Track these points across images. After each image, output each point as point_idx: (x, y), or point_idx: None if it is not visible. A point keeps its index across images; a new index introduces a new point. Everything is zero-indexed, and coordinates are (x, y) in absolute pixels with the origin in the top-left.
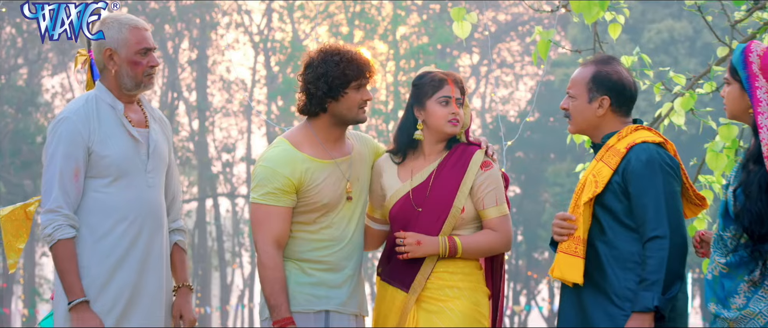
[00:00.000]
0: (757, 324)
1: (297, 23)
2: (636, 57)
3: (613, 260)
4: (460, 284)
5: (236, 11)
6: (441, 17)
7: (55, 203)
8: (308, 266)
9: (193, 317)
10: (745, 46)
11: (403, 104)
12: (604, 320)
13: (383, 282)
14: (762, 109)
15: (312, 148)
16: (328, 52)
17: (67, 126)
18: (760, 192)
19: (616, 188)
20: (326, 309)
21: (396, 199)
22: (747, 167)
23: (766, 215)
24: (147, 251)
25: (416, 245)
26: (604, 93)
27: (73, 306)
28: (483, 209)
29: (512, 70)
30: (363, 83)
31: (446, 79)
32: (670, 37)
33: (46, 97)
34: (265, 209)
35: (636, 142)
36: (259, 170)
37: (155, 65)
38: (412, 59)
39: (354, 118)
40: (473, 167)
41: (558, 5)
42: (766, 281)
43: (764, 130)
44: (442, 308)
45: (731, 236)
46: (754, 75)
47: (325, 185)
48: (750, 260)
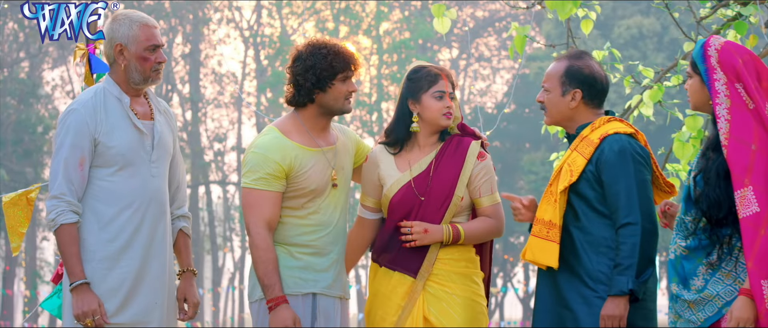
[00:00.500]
0: (715, 306)
1: (285, 19)
2: (607, 52)
3: (587, 245)
4: (462, 270)
5: (227, 7)
6: (422, 13)
7: (59, 190)
8: (296, 250)
9: (197, 300)
10: (704, 41)
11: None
12: (578, 302)
13: (386, 269)
14: (720, 100)
15: (300, 136)
16: (315, 45)
17: (75, 117)
18: (718, 179)
19: (590, 177)
20: (313, 292)
21: (397, 188)
22: (706, 155)
23: (723, 201)
24: (151, 237)
25: (424, 233)
26: (576, 86)
27: (74, 287)
28: (479, 198)
29: (489, 63)
30: (349, 75)
31: (441, 74)
32: (639, 32)
33: (46, 89)
34: (257, 194)
35: (609, 133)
36: (250, 157)
37: (163, 61)
38: (394, 54)
39: (340, 109)
40: (470, 157)
41: (533, 2)
42: (723, 264)
43: (722, 120)
44: (447, 293)
45: (691, 220)
46: (712, 68)
47: (313, 172)
48: (708, 243)
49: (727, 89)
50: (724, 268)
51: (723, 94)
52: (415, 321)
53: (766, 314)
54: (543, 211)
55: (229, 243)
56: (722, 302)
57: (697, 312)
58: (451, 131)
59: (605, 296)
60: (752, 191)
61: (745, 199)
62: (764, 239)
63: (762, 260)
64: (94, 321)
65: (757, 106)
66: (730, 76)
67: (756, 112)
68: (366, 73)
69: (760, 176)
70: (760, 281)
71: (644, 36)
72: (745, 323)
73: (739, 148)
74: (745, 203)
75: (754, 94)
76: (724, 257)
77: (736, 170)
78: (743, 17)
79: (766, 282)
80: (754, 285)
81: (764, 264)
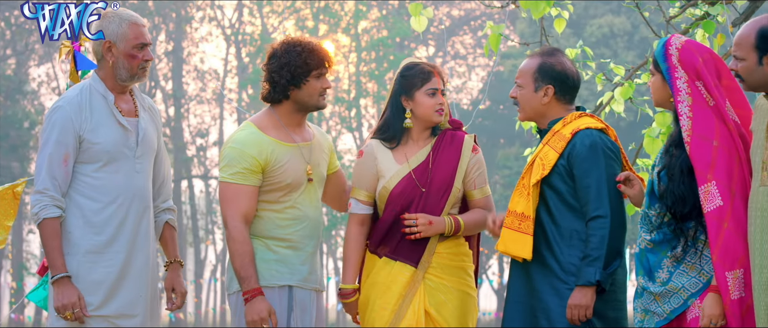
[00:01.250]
0: (680, 298)
1: (266, 18)
2: (579, 50)
3: (558, 237)
4: (458, 263)
5: (210, 6)
6: (399, 12)
7: (43, 185)
8: (273, 244)
9: (184, 290)
10: (665, 40)
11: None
12: (550, 293)
13: (387, 259)
14: (681, 97)
15: (276, 131)
16: (290, 43)
17: (61, 114)
18: (681, 175)
19: (561, 171)
20: (290, 284)
21: (397, 180)
22: (670, 152)
23: (687, 196)
24: (135, 231)
25: (428, 225)
26: (548, 82)
27: (55, 280)
28: (473, 190)
29: (465, 61)
30: (323, 72)
31: (433, 71)
32: (610, 31)
33: (32, 85)
34: (234, 188)
35: (580, 128)
36: (227, 151)
37: (149, 59)
38: (372, 51)
39: (315, 105)
40: (466, 150)
41: (508, 1)
42: (687, 257)
43: (684, 118)
44: (444, 286)
45: (656, 214)
46: (673, 66)
47: (289, 166)
48: (673, 237)
49: (688, 87)
50: (688, 261)
51: (684, 92)
52: (415, 312)
53: (731, 306)
54: (515, 203)
55: (212, 236)
56: (687, 294)
57: (663, 304)
58: (442, 126)
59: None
60: (715, 185)
61: (709, 194)
62: (728, 231)
63: (726, 252)
64: (73, 314)
65: (717, 103)
66: (690, 75)
67: (716, 109)
68: (345, 71)
69: (723, 171)
70: (724, 272)
71: (615, 35)
72: (717, 319)
73: (702, 145)
74: (708, 197)
75: (714, 92)
76: (689, 250)
77: (699, 166)
78: (711, 16)
79: (730, 274)
80: (719, 277)
81: (728, 256)
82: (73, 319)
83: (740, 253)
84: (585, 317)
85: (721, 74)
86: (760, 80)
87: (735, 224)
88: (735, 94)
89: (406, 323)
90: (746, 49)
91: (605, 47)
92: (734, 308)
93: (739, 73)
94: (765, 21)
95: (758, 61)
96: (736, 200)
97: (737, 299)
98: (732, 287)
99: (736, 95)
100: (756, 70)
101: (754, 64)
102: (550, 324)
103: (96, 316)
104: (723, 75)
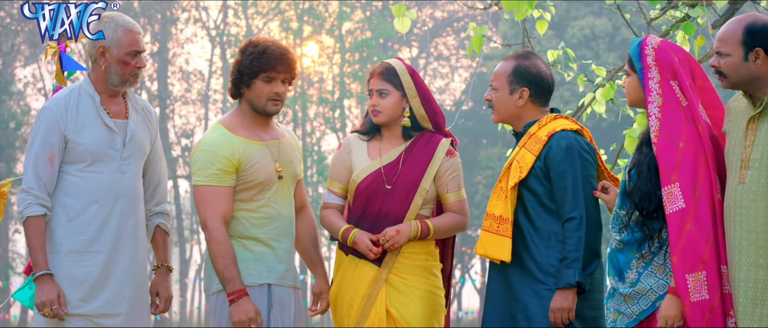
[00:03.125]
0: (648, 300)
1: (251, 19)
2: (561, 51)
3: (537, 238)
4: (423, 263)
5: (194, 7)
6: (383, 14)
7: (28, 184)
8: (250, 243)
9: (168, 295)
10: (640, 40)
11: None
12: (528, 294)
13: (352, 257)
14: (652, 98)
15: (244, 131)
16: (250, 43)
17: (47, 115)
18: (649, 172)
19: (538, 173)
20: (268, 283)
21: (365, 174)
22: (641, 150)
23: (653, 194)
24: (119, 232)
25: (396, 234)
26: (524, 85)
27: (36, 277)
28: (446, 193)
29: (448, 62)
30: (272, 77)
31: (370, 73)
32: (592, 33)
33: (18, 86)
34: (211, 190)
35: (556, 130)
36: (199, 155)
37: (142, 66)
38: (356, 52)
39: (262, 108)
40: (439, 153)
41: (490, 3)
42: (655, 258)
43: (653, 118)
44: (407, 286)
45: (625, 213)
46: (647, 67)
47: (260, 164)
48: (641, 236)
49: (659, 88)
50: (655, 261)
51: (656, 92)
52: (378, 312)
53: (692, 308)
54: (493, 206)
55: (196, 236)
56: (655, 296)
57: (632, 306)
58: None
59: (554, 288)
60: (679, 187)
61: (672, 195)
62: (689, 234)
63: (687, 254)
64: (52, 311)
65: (691, 103)
66: (666, 74)
67: (689, 110)
68: (329, 72)
69: (687, 173)
70: (684, 275)
71: (597, 36)
72: (673, 321)
73: (668, 146)
74: (671, 199)
75: (688, 92)
76: (656, 251)
77: (664, 167)
78: (691, 18)
79: (691, 276)
80: (678, 280)
81: (689, 259)
82: (52, 316)
83: (703, 254)
84: (568, 320)
85: (694, 75)
86: (744, 76)
87: (698, 226)
88: (708, 94)
89: (369, 322)
90: (732, 45)
91: (587, 49)
92: (695, 310)
93: (721, 69)
94: (751, 18)
95: (744, 57)
96: (700, 202)
97: (699, 302)
98: (692, 289)
99: (708, 96)
100: (741, 66)
101: (739, 60)
102: (529, 324)
103: (77, 315)
104: (696, 76)
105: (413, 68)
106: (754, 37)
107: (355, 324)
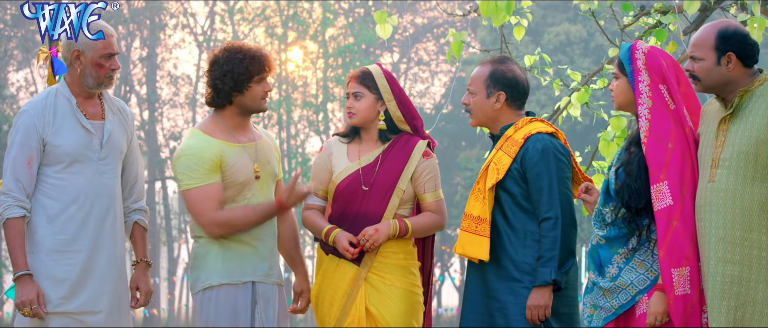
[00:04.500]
0: (628, 294)
1: (237, 25)
2: (537, 56)
3: (514, 238)
4: (401, 262)
5: (182, 14)
6: (365, 20)
7: (7, 187)
8: (233, 244)
9: (148, 289)
10: (631, 45)
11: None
12: (505, 292)
13: (333, 256)
14: (642, 100)
15: (222, 134)
16: (231, 50)
17: (25, 119)
18: (639, 171)
19: (515, 174)
20: (252, 280)
21: (344, 176)
22: (629, 149)
23: (643, 192)
24: (98, 230)
25: (375, 233)
26: (500, 89)
27: (16, 278)
28: (423, 193)
29: (428, 67)
30: (263, 77)
31: (348, 76)
32: (567, 39)
33: (11, 90)
34: (202, 190)
35: (532, 132)
36: (183, 161)
37: (117, 68)
38: (339, 57)
39: (258, 108)
40: (416, 154)
41: (469, 10)
42: (637, 254)
43: (643, 120)
44: (386, 285)
45: (610, 211)
46: (638, 70)
47: (239, 165)
48: (627, 232)
49: (649, 91)
50: (637, 257)
51: (646, 95)
52: (358, 311)
53: (675, 302)
54: (472, 207)
55: (184, 235)
56: (636, 290)
57: (611, 299)
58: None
59: (531, 286)
60: (667, 185)
61: (661, 193)
62: (676, 230)
63: (673, 249)
64: (31, 311)
65: (677, 107)
66: (655, 78)
67: (676, 113)
68: (313, 76)
69: (675, 172)
70: (670, 269)
71: (572, 42)
72: (661, 316)
73: (657, 146)
74: (660, 196)
75: (676, 96)
76: (641, 246)
77: (654, 166)
78: (663, 25)
79: (676, 271)
80: (664, 273)
81: (675, 254)
82: (32, 315)
83: (687, 251)
84: (544, 317)
85: (680, 80)
86: (718, 80)
87: (684, 223)
88: (690, 100)
89: (349, 320)
90: (705, 50)
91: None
92: (678, 304)
93: (695, 73)
94: (723, 24)
95: (717, 61)
96: (686, 200)
97: (681, 296)
98: (677, 283)
99: (691, 102)
100: (714, 70)
101: (712, 64)
102: (507, 322)
103: (59, 312)
104: (681, 81)
105: (391, 73)
106: (726, 42)
107: (335, 322)
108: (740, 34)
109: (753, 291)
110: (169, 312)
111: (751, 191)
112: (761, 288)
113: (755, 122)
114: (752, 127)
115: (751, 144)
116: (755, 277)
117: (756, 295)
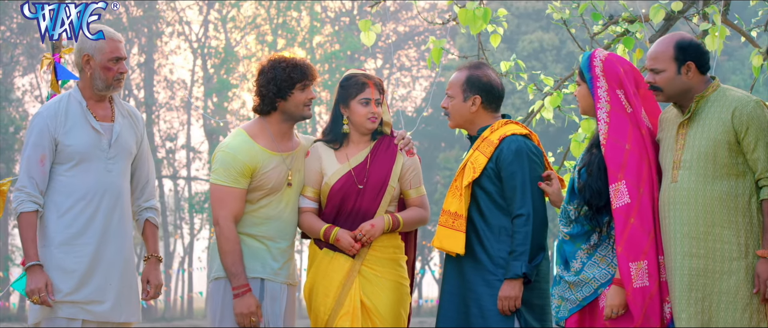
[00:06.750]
0: (591, 287)
1: (229, 32)
2: (513, 62)
3: (489, 233)
4: (391, 255)
5: (178, 22)
6: (350, 28)
7: (21, 183)
8: (246, 239)
9: (159, 282)
10: (590, 53)
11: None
12: (480, 284)
13: (327, 250)
14: (601, 105)
15: (265, 140)
16: (276, 60)
17: (39, 120)
18: (599, 172)
19: (490, 173)
20: (261, 277)
21: (337, 177)
22: (591, 151)
23: (603, 191)
24: (105, 226)
25: (372, 228)
26: (476, 92)
27: (28, 268)
28: (408, 189)
29: (410, 72)
30: (307, 85)
31: (368, 82)
32: (541, 46)
33: (17, 94)
34: (226, 190)
35: (507, 134)
36: (221, 156)
37: (124, 72)
38: (326, 63)
39: (301, 115)
40: (401, 153)
41: (448, 18)
42: (599, 249)
43: (601, 123)
44: (377, 277)
45: (574, 209)
46: (596, 77)
47: (273, 173)
48: (589, 229)
49: (607, 95)
50: (599, 253)
51: (604, 99)
52: (352, 301)
53: (634, 293)
54: (449, 203)
55: (179, 230)
56: (598, 284)
57: (575, 292)
58: (382, 132)
59: (504, 279)
60: (625, 184)
61: (619, 192)
62: (633, 226)
63: (631, 244)
64: (39, 298)
65: (635, 110)
66: (612, 84)
67: (633, 116)
68: None
69: (633, 171)
70: (628, 263)
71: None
72: (618, 308)
73: (615, 148)
74: (618, 195)
75: (632, 100)
76: (602, 243)
77: (612, 167)
78: (631, 33)
79: (634, 264)
80: (622, 268)
81: (632, 248)
82: (40, 303)
83: (644, 245)
84: (514, 307)
85: (638, 84)
86: (679, 89)
87: (640, 220)
88: (649, 102)
89: (344, 309)
90: (665, 61)
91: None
92: (637, 295)
93: (657, 85)
94: (678, 36)
95: (677, 70)
96: (643, 198)
97: (640, 288)
98: (635, 276)
99: (650, 103)
100: (675, 79)
101: (673, 75)
102: (482, 312)
103: (68, 302)
104: (640, 85)
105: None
106: (685, 52)
107: (330, 312)
108: (696, 44)
109: (718, 282)
110: (166, 303)
111: (711, 189)
112: (725, 279)
113: (712, 125)
114: (709, 129)
115: (709, 145)
116: (719, 269)
117: (721, 286)
